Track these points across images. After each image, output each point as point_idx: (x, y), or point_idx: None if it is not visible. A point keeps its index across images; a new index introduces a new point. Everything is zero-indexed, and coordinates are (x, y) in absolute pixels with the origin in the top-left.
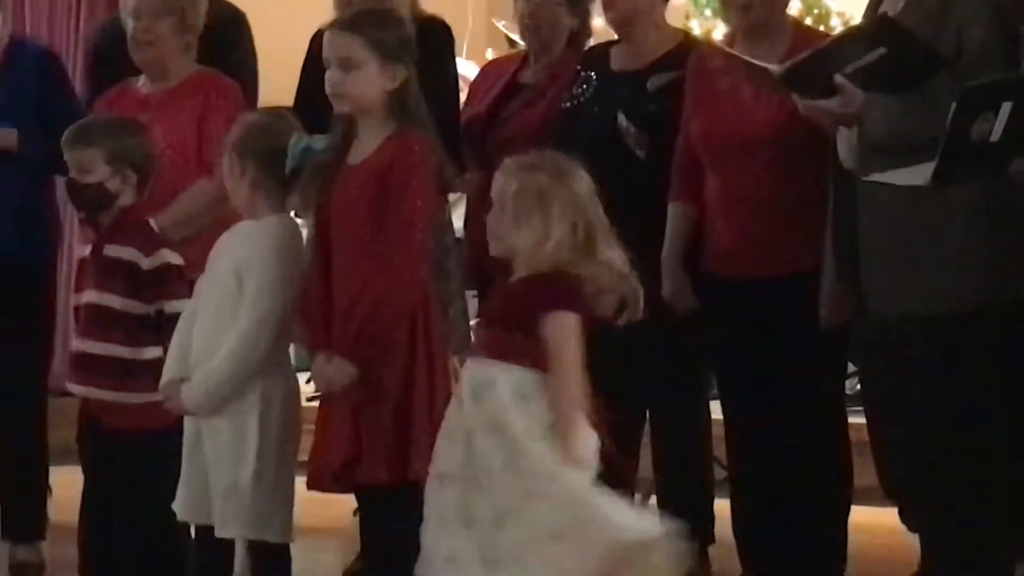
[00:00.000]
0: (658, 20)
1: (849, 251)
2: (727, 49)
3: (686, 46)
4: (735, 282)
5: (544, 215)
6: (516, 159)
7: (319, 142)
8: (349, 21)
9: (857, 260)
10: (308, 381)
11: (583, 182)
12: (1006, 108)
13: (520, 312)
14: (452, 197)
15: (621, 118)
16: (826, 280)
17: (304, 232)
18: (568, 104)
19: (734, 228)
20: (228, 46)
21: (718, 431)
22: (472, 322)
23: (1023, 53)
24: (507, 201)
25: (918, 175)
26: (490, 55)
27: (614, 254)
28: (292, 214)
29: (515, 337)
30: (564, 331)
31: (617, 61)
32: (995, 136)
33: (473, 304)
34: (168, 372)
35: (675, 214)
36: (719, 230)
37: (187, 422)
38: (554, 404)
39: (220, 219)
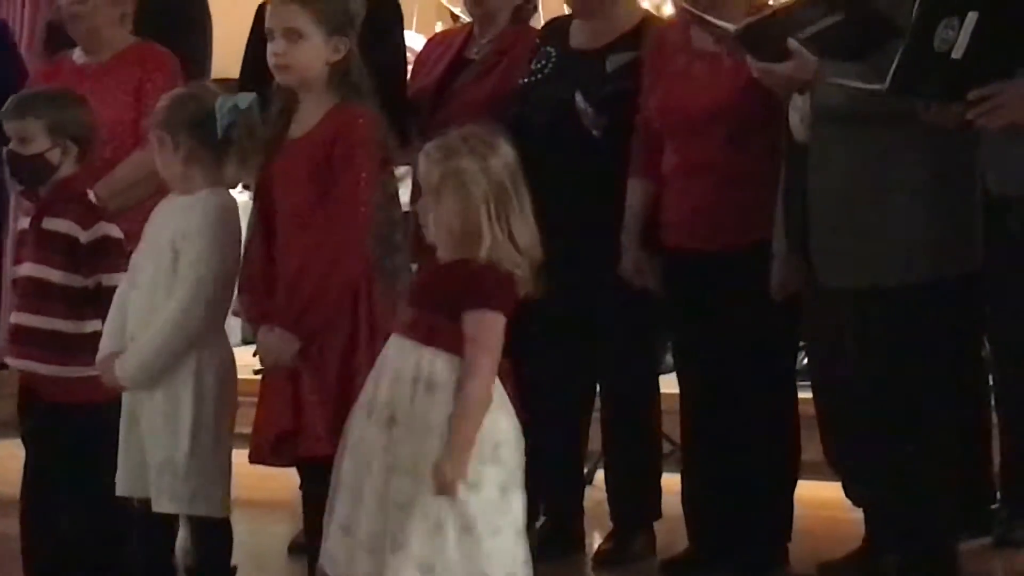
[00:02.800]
0: None
1: (800, 224)
2: (686, 6)
3: (646, 26)
4: (689, 255)
5: (465, 201)
6: (436, 143)
7: (244, 100)
8: None
9: (807, 233)
10: (255, 354)
11: (503, 157)
12: (972, 19)
13: (448, 298)
14: (400, 170)
15: (578, 98)
16: (778, 251)
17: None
18: (527, 80)
19: (689, 201)
20: (175, 18)
21: (666, 406)
22: None
23: None
24: (430, 189)
25: (876, 80)
26: (439, 28)
27: (525, 231)
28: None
29: (440, 321)
30: (485, 331)
31: (576, 38)
32: (958, 52)
33: None
34: (104, 346)
35: (634, 190)
36: (674, 203)
37: (125, 396)
38: (461, 403)
39: (159, 191)
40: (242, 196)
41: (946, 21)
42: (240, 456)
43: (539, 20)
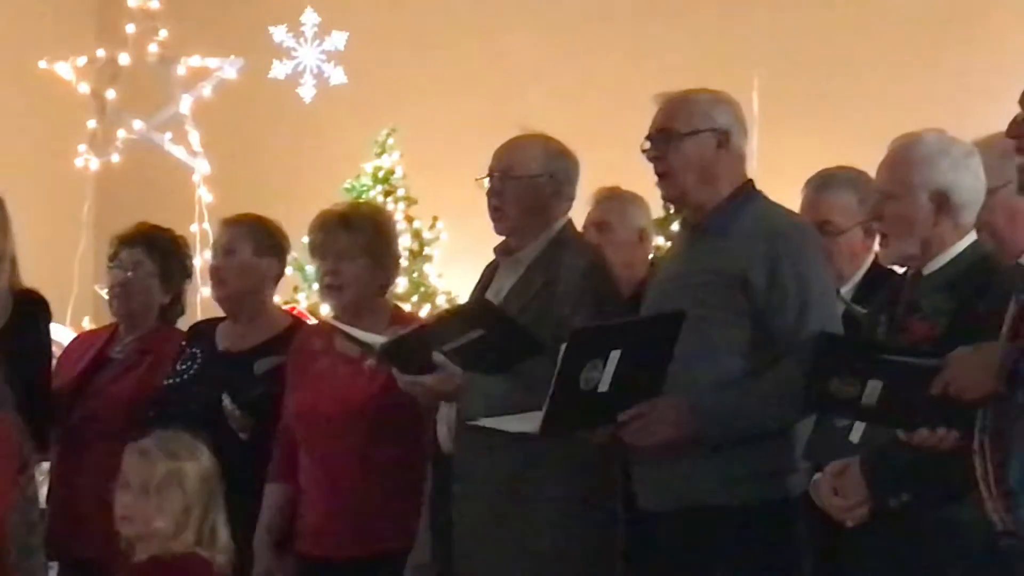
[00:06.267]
0: (268, 301)
1: (444, 534)
2: (333, 322)
3: (294, 330)
4: (320, 562)
5: (182, 499)
6: (150, 442)
7: None
8: None
9: (451, 543)
10: None
11: (207, 461)
12: (614, 356)
13: None
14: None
15: (226, 400)
16: (417, 560)
17: None
18: (171, 380)
19: (322, 507)
20: None
21: None
22: None
23: None
24: (145, 485)
25: (528, 422)
26: (87, 324)
27: (224, 532)
28: None
29: None
30: None
31: (224, 340)
32: (604, 386)
33: None
34: None
35: (269, 493)
36: (309, 509)
37: None
38: None
39: None
40: None
41: (590, 364)
42: None
43: (195, 316)
